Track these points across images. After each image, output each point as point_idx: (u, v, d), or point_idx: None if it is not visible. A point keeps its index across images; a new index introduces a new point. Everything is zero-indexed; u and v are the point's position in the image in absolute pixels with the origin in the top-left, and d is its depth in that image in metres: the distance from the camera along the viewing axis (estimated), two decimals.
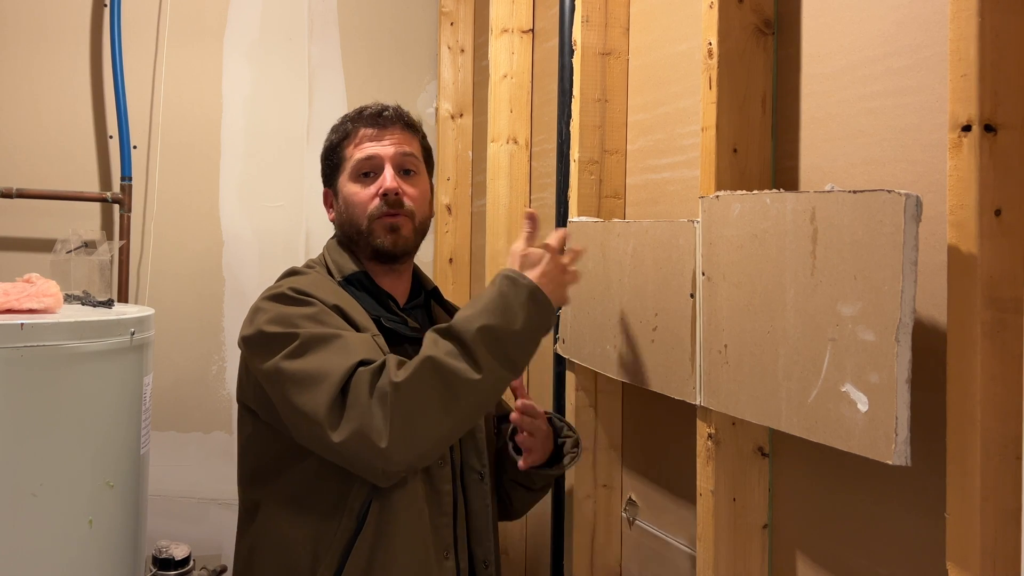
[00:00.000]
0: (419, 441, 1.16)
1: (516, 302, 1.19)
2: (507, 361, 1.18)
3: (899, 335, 0.85)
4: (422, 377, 1.15)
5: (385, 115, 1.42)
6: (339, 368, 1.17)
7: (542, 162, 2.05)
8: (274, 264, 2.51)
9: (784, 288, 1.01)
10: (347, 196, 1.40)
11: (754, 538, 1.21)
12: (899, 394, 0.85)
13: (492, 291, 1.21)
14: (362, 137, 1.40)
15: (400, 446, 1.14)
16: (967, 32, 0.82)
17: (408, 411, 1.14)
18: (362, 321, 1.30)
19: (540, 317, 1.21)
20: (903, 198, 0.84)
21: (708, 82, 1.20)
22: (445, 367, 1.15)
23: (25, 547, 1.42)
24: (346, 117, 1.45)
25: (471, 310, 1.20)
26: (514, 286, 1.20)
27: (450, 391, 1.15)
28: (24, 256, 2.34)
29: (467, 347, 1.16)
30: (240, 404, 1.38)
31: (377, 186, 1.37)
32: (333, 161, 1.44)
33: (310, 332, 1.22)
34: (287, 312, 1.26)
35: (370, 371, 1.17)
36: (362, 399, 1.15)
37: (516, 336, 1.18)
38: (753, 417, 1.07)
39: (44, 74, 2.36)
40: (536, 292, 1.20)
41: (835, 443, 0.93)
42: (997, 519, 0.82)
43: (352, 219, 1.39)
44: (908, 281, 0.85)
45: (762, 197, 1.06)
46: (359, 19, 2.63)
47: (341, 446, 1.15)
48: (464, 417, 1.20)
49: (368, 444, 1.14)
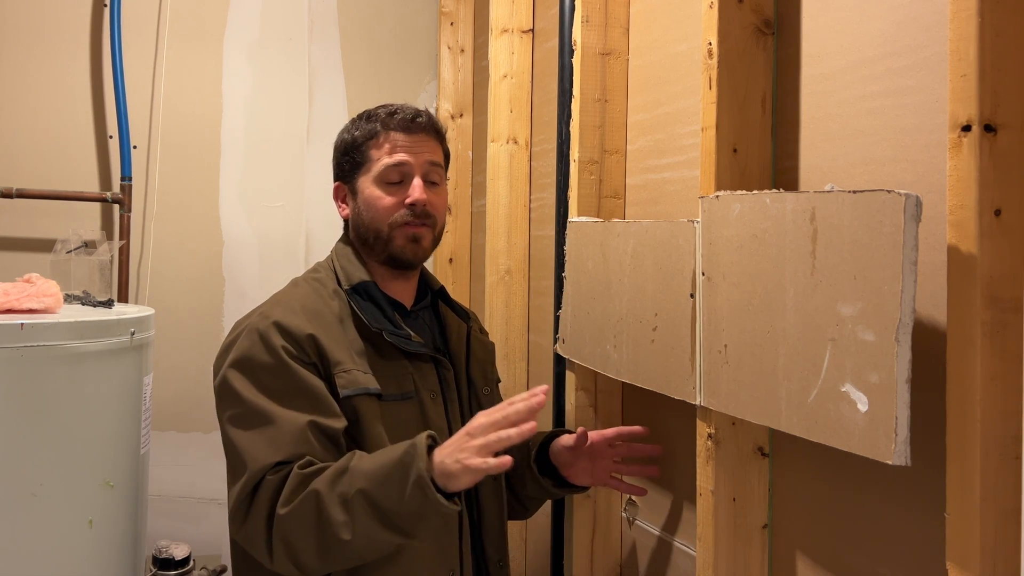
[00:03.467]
0: (303, 567, 1.19)
1: (407, 481, 1.12)
2: (391, 526, 1.14)
3: (899, 335, 0.85)
4: (303, 516, 1.16)
5: (418, 121, 1.39)
6: (257, 464, 1.20)
7: (542, 162, 2.05)
8: (274, 264, 2.51)
9: (784, 288, 1.01)
10: (370, 199, 1.37)
11: (754, 538, 1.21)
12: (899, 394, 0.85)
13: (396, 453, 1.16)
14: (393, 142, 1.37)
15: (282, 567, 1.20)
16: (967, 32, 0.82)
17: (289, 542, 1.17)
18: (335, 355, 1.28)
19: (425, 506, 1.12)
20: (903, 198, 0.84)
21: (708, 82, 1.20)
22: (324, 515, 1.15)
23: (25, 547, 1.42)
24: (373, 115, 1.41)
25: (370, 463, 1.17)
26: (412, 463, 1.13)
27: (324, 539, 1.16)
28: (24, 256, 2.34)
29: (348, 503, 1.15)
30: None
31: (404, 195, 1.36)
32: (354, 158, 1.40)
33: (254, 404, 1.24)
34: (253, 361, 1.26)
35: (274, 483, 1.19)
36: (259, 513, 1.19)
37: (396, 512, 1.13)
38: (753, 417, 1.07)
39: (44, 74, 2.36)
40: (422, 481, 1.11)
41: (835, 443, 0.93)
42: (997, 519, 0.82)
43: (372, 222, 1.37)
44: (908, 281, 0.85)
45: (762, 197, 1.06)
46: (359, 19, 2.63)
47: (238, 540, 1.25)
48: (343, 563, 1.20)
49: (259, 554, 1.21)
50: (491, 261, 2.11)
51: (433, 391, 1.36)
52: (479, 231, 2.42)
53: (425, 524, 1.15)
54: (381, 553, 1.21)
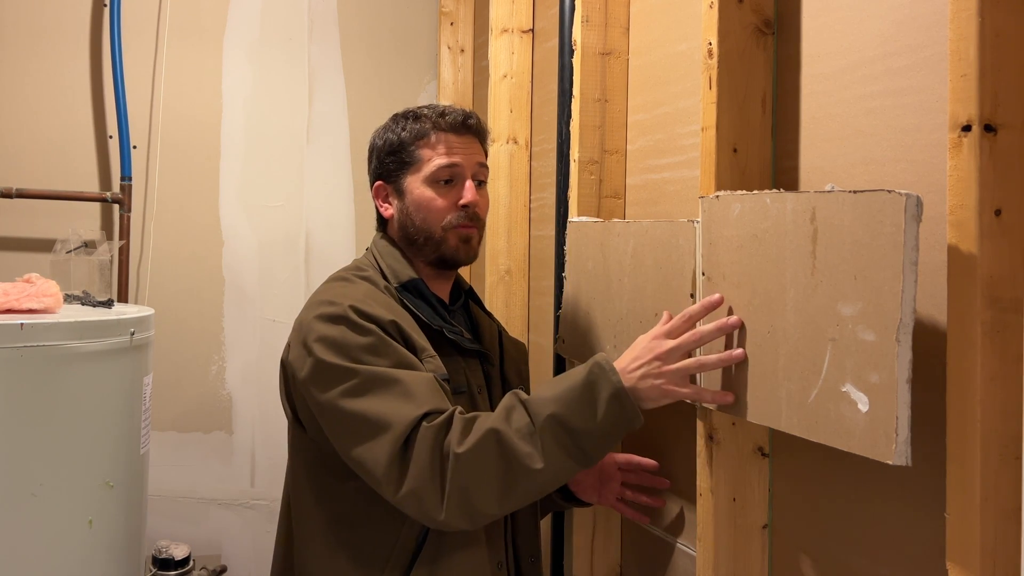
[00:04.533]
0: (475, 516, 1.15)
1: (598, 397, 1.12)
2: (577, 453, 1.13)
3: (899, 335, 0.85)
4: (485, 453, 1.12)
5: (469, 123, 1.39)
6: (402, 419, 1.15)
7: (542, 162, 2.05)
8: (274, 264, 2.51)
9: (784, 288, 1.01)
10: (421, 200, 1.36)
11: (754, 538, 1.21)
12: (899, 394, 0.85)
13: (579, 376, 1.15)
14: (446, 143, 1.37)
15: (455, 518, 1.13)
16: (967, 32, 0.82)
17: (466, 486, 1.12)
18: (418, 341, 1.27)
19: (620, 418, 1.12)
20: (903, 198, 0.84)
21: (708, 82, 1.20)
22: (509, 447, 1.11)
23: (25, 547, 1.42)
24: (420, 115, 1.39)
25: (552, 390, 1.15)
26: (600, 380, 1.13)
27: (510, 474, 1.12)
28: (24, 256, 2.34)
29: (535, 431, 1.12)
30: (286, 407, 1.36)
31: (457, 196, 1.36)
32: (401, 158, 1.39)
33: (371, 371, 1.19)
34: (346, 341, 1.21)
35: (434, 429, 1.14)
36: (423, 460, 1.13)
37: (588, 433, 1.12)
38: (753, 417, 1.07)
39: (44, 74, 2.36)
40: (620, 393, 1.12)
41: (835, 443, 0.93)
42: (997, 519, 0.82)
43: (424, 223, 1.36)
44: (909, 281, 0.85)
45: (762, 197, 1.05)
46: (359, 19, 2.63)
47: (397, 502, 1.15)
48: (522, 500, 1.17)
49: (424, 509, 1.14)
50: (491, 261, 2.11)
51: (480, 386, 1.39)
52: None
53: (611, 445, 1.15)
54: (562, 483, 1.17)
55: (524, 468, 1.11)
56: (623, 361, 1.16)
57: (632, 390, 1.13)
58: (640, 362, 1.14)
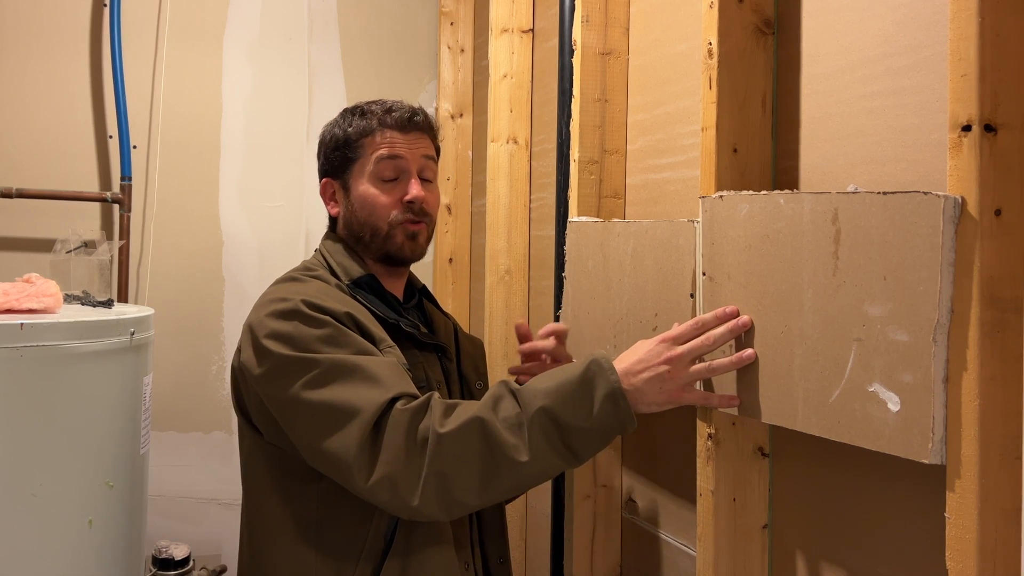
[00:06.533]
0: (451, 505, 1.10)
1: (593, 395, 1.08)
2: (563, 450, 1.08)
3: (936, 335, 0.85)
4: (468, 437, 1.07)
5: (416, 120, 1.37)
6: (371, 403, 1.10)
7: (542, 162, 2.05)
8: (274, 264, 2.51)
9: (801, 288, 1.00)
10: (365, 197, 1.35)
11: (754, 538, 1.21)
12: (936, 394, 0.85)
13: (575, 372, 1.10)
14: (390, 140, 1.35)
15: (429, 505, 1.08)
16: (967, 32, 0.82)
17: (445, 471, 1.07)
18: (376, 332, 1.25)
19: (613, 419, 1.08)
20: (941, 200, 0.84)
21: (708, 82, 1.20)
22: (494, 436, 1.07)
23: (25, 547, 1.42)
24: (367, 111, 1.37)
25: (545, 383, 1.10)
26: (597, 377, 1.09)
27: (493, 463, 1.07)
28: (24, 256, 2.34)
29: (523, 423, 1.07)
30: (238, 414, 1.32)
31: (402, 192, 1.34)
32: (346, 154, 1.38)
33: (332, 358, 1.14)
34: (301, 335, 1.17)
35: (410, 412, 1.09)
36: (397, 442, 1.08)
37: (579, 430, 1.08)
38: (766, 418, 1.06)
39: (44, 74, 2.36)
40: (616, 393, 1.07)
41: (861, 443, 0.93)
42: (997, 519, 0.82)
43: (369, 221, 1.35)
44: (945, 282, 0.84)
45: (775, 197, 1.05)
46: (359, 19, 2.63)
47: (369, 490, 1.09)
48: (502, 493, 1.12)
49: (397, 496, 1.08)
50: (491, 261, 2.11)
51: (439, 381, 1.37)
52: (479, 231, 2.42)
53: (601, 446, 1.11)
54: (543, 481, 1.14)
55: (508, 459, 1.06)
56: (625, 362, 1.12)
57: (633, 393, 1.09)
58: (645, 365, 1.10)
